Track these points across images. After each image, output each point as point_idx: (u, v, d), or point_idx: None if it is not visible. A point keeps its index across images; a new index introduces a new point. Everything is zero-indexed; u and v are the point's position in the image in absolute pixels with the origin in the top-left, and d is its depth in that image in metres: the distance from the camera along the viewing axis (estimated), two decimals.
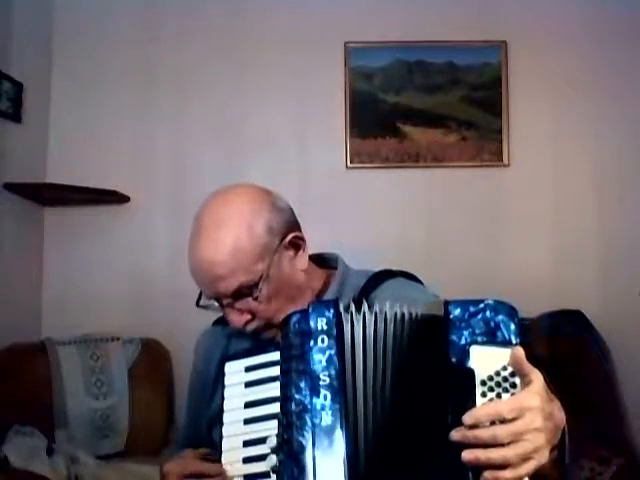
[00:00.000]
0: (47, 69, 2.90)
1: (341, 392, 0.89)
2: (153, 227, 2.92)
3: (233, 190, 1.16)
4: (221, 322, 1.28)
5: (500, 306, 0.90)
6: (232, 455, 0.99)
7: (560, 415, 0.87)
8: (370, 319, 0.93)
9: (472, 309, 0.89)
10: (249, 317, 1.12)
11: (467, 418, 0.82)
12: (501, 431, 0.80)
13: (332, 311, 0.93)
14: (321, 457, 0.87)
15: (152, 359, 2.71)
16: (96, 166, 2.86)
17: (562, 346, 2.55)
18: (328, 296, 1.19)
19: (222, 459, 0.99)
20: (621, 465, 2.10)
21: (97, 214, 2.90)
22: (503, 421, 0.81)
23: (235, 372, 1.03)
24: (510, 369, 0.85)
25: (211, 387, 1.21)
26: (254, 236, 1.10)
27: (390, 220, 2.89)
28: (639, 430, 2.65)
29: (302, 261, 1.17)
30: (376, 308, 0.95)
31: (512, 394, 0.84)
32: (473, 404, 0.84)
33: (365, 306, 0.95)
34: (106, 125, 2.91)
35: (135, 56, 2.94)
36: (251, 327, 1.13)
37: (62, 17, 2.93)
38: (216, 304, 1.15)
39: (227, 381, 1.04)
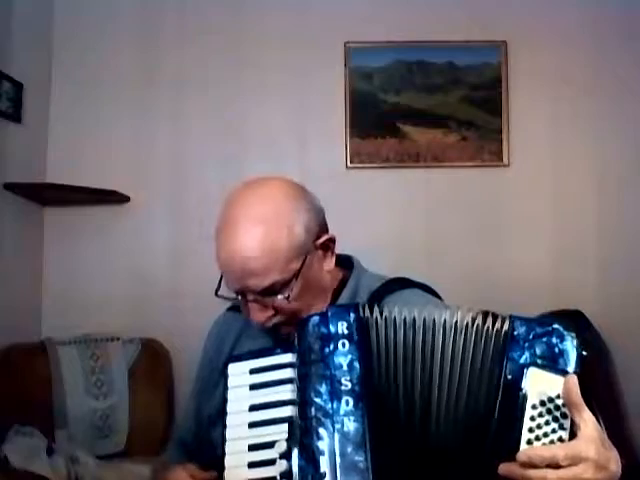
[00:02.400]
0: (47, 69, 2.90)
1: (364, 398, 0.87)
2: (153, 227, 2.92)
3: (271, 184, 1.13)
4: (236, 309, 1.26)
5: (567, 333, 0.88)
6: (236, 459, 0.96)
7: (615, 468, 0.84)
8: (389, 324, 0.92)
9: (538, 330, 0.87)
10: (272, 313, 1.10)
11: (522, 456, 0.79)
12: (551, 476, 0.78)
13: (353, 315, 0.91)
14: (343, 464, 0.84)
15: (152, 359, 2.71)
16: (96, 166, 2.86)
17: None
18: (343, 297, 1.17)
19: (225, 462, 0.96)
20: (621, 465, 2.09)
21: (97, 214, 2.90)
22: (556, 466, 0.78)
23: (239, 374, 1.00)
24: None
25: (217, 379, 1.19)
26: (293, 236, 1.07)
27: (390, 220, 2.89)
28: (639, 430, 2.65)
29: (330, 263, 1.16)
30: (394, 313, 0.93)
31: (561, 424, 0.82)
32: (520, 425, 0.82)
33: (386, 310, 0.93)
34: (106, 125, 2.91)
35: (135, 56, 2.94)
36: (271, 322, 1.11)
37: (62, 17, 2.93)
38: (237, 297, 1.11)
39: (231, 383, 1.01)
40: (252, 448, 0.95)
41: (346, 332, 0.90)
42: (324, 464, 0.85)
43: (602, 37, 2.94)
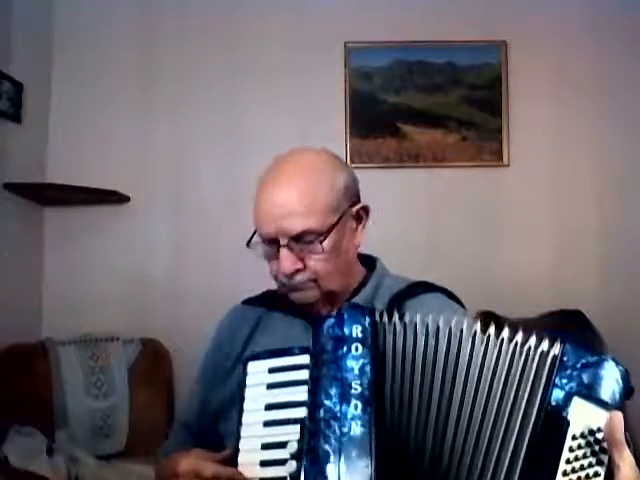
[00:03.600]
0: (47, 69, 2.90)
1: (372, 403, 0.86)
2: (153, 227, 2.92)
3: (315, 149, 1.22)
4: (251, 302, 1.27)
5: (617, 367, 0.87)
6: (250, 457, 0.95)
7: None
8: (409, 331, 0.91)
9: (589, 359, 0.86)
10: (301, 266, 1.11)
11: None
12: None
13: (368, 319, 0.91)
14: (347, 468, 0.84)
15: (152, 359, 2.71)
16: (96, 166, 2.86)
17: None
18: (363, 295, 1.17)
19: (239, 459, 0.96)
20: None
21: (97, 214, 2.90)
22: None
23: (258, 372, 1.00)
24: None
25: (228, 370, 1.19)
26: (334, 188, 1.13)
27: (390, 220, 2.88)
28: (639, 430, 2.65)
29: (359, 237, 1.20)
30: (415, 319, 0.92)
31: (599, 460, 0.80)
32: (559, 455, 0.80)
33: (406, 316, 0.92)
34: (106, 125, 2.91)
35: (135, 56, 2.94)
36: (298, 279, 1.12)
37: (62, 17, 2.93)
38: (267, 246, 1.13)
39: (249, 381, 1.00)
40: (265, 447, 0.95)
41: (360, 336, 0.90)
42: (328, 467, 0.84)
43: (602, 37, 2.94)
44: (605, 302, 2.82)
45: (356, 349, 0.89)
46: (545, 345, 0.87)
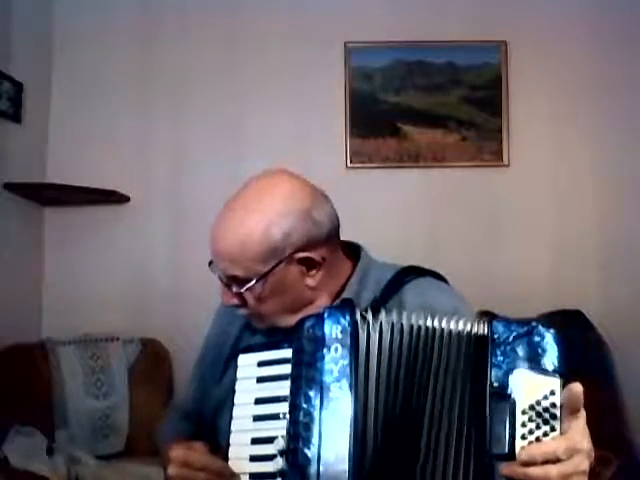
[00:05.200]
0: (47, 69, 2.90)
1: (352, 406, 0.86)
2: (153, 227, 2.92)
3: (280, 179, 1.11)
4: None
5: (547, 331, 0.87)
6: (240, 451, 0.96)
7: (592, 455, 0.85)
8: (387, 329, 0.91)
9: (518, 331, 0.87)
10: (237, 303, 1.10)
11: (523, 455, 0.80)
12: (553, 471, 0.79)
13: (348, 319, 0.90)
14: (326, 474, 0.84)
15: (152, 359, 2.71)
16: (96, 166, 2.86)
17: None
18: (348, 291, 1.14)
19: (229, 453, 0.97)
20: (621, 465, 2.10)
21: (97, 214, 2.90)
22: (556, 460, 0.79)
23: (248, 365, 1.01)
24: (552, 399, 0.83)
25: (223, 367, 1.19)
26: (268, 237, 1.04)
27: (390, 220, 2.89)
28: (639, 430, 2.65)
29: (313, 280, 1.10)
30: (394, 317, 0.92)
31: (552, 427, 0.82)
32: (513, 434, 0.82)
33: (389, 316, 0.92)
34: (106, 125, 2.91)
35: (135, 56, 2.94)
36: (240, 312, 1.12)
37: (62, 17, 2.93)
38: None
39: (240, 374, 1.01)
40: (255, 442, 0.95)
41: (340, 336, 0.89)
42: (307, 471, 0.85)
43: (602, 37, 2.94)
44: (605, 302, 2.82)
45: (335, 350, 0.89)
46: (477, 328, 0.89)
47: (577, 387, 0.82)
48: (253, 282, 1.05)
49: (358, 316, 0.92)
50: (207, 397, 1.22)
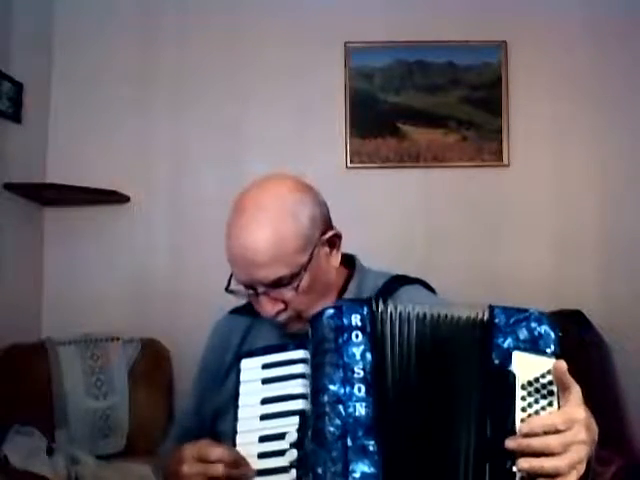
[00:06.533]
0: (47, 69, 2.90)
1: (375, 386, 0.91)
2: (153, 227, 2.92)
3: (276, 180, 1.15)
4: (239, 311, 1.27)
5: (543, 317, 0.94)
6: (246, 450, 0.98)
7: (595, 428, 0.89)
8: (399, 317, 0.95)
9: (517, 317, 0.94)
10: (282, 307, 1.11)
11: (524, 427, 0.85)
12: (554, 441, 0.83)
13: (366, 309, 0.95)
14: (354, 447, 0.87)
15: (152, 359, 2.71)
16: (96, 166, 2.86)
17: (562, 346, 2.55)
18: (347, 296, 1.19)
19: None
20: (621, 465, 2.10)
21: (97, 214, 2.90)
22: (555, 432, 0.84)
23: (252, 368, 1.03)
24: (549, 377, 0.89)
25: (224, 375, 1.20)
26: (299, 226, 1.09)
27: (390, 220, 2.89)
28: (639, 430, 2.65)
29: (336, 259, 1.18)
30: (404, 307, 0.96)
31: (549, 402, 0.88)
32: (513, 406, 0.87)
33: (400, 306, 0.96)
34: (106, 125, 2.91)
35: (135, 56, 2.94)
36: (282, 318, 1.12)
37: (62, 17, 2.93)
38: (246, 291, 1.13)
39: (243, 377, 1.03)
40: (263, 439, 0.98)
41: (359, 324, 0.94)
42: (335, 447, 0.88)
43: (602, 37, 2.94)
44: (605, 302, 2.82)
45: (356, 336, 0.93)
46: (479, 315, 0.96)
47: (559, 364, 0.87)
48: (302, 273, 1.09)
49: (375, 306, 0.96)
50: (207, 407, 1.22)
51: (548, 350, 0.91)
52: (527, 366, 0.90)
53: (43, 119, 2.86)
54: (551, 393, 0.88)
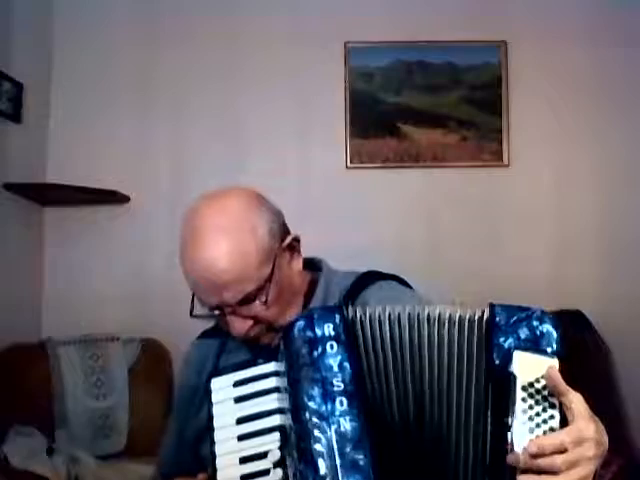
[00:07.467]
0: (47, 69, 2.90)
1: (358, 397, 0.87)
2: (153, 227, 2.92)
3: (226, 194, 1.11)
4: (208, 334, 1.25)
5: (545, 316, 0.91)
6: (228, 473, 0.94)
7: (606, 439, 0.86)
8: (380, 321, 0.92)
9: (518, 315, 0.91)
10: (251, 323, 1.08)
11: (532, 447, 0.80)
12: (560, 460, 0.80)
13: (338, 316, 0.91)
14: (344, 464, 0.84)
15: (152, 359, 2.71)
16: (96, 166, 2.86)
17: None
18: (315, 300, 1.16)
19: (217, 478, 0.95)
20: (621, 465, 2.10)
21: (97, 214, 2.90)
22: (563, 450, 0.80)
23: (223, 388, 0.99)
24: None
25: (202, 398, 1.15)
26: (258, 240, 1.06)
27: (390, 220, 2.89)
28: (639, 430, 2.65)
29: (298, 262, 1.15)
30: (380, 311, 0.92)
31: (551, 404, 0.85)
32: (513, 408, 0.84)
33: (371, 309, 0.92)
34: (106, 125, 2.91)
35: (135, 56, 2.94)
36: (253, 333, 1.09)
37: (62, 17, 2.93)
38: (213, 312, 1.10)
39: (214, 398, 0.99)
40: (244, 460, 0.94)
41: (333, 333, 0.90)
42: (324, 466, 0.84)
43: (602, 37, 2.94)
44: (605, 302, 2.82)
45: (331, 347, 0.89)
46: (478, 313, 0.92)
47: (551, 372, 0.84)
48: (268, 285, 1.06)
49: (347, 313, 0.92)
50: (189, 435, 1.20)
51: (550, 349, 0.89)
52: (528, 366, 0.87)
53: (43, 119, 2.86)
54: (552, 394, 0.86)
